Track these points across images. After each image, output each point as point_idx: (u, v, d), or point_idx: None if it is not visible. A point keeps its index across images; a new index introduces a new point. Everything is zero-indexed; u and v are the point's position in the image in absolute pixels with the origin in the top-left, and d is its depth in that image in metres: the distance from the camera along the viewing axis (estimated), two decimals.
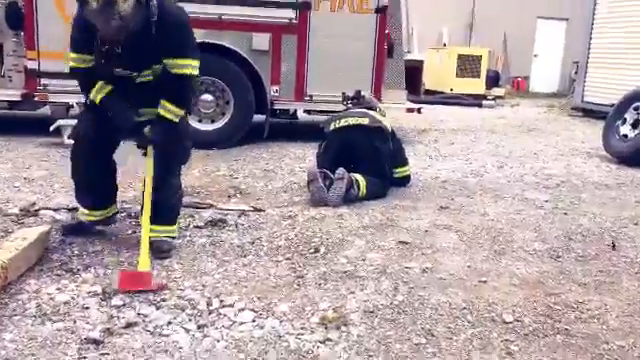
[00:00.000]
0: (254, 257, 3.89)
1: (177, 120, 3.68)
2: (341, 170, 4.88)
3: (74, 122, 7.04)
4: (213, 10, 7.25)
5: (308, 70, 7.62)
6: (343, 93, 6.74)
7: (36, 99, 7.14)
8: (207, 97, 7.56)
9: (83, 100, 3.93)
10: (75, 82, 3.86)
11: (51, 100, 7.15)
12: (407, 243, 4.11)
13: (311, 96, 7.69)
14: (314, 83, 7.65)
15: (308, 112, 7.93)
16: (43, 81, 7.11)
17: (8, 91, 7.10)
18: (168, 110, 3.64)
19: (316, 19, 7.51)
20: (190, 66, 3.63)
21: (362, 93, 5.69)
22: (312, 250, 3.97)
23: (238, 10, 7.31)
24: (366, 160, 5.14)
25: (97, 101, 3.67)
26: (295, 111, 8.01)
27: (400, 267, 3.71)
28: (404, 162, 5.61)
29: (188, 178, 5.90)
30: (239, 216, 4.64)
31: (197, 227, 4.36)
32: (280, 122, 8.16)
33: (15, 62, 7.15)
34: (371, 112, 5.36)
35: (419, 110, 8.17)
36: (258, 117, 7.85)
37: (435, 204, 5.11)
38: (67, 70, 3.78)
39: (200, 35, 7.23)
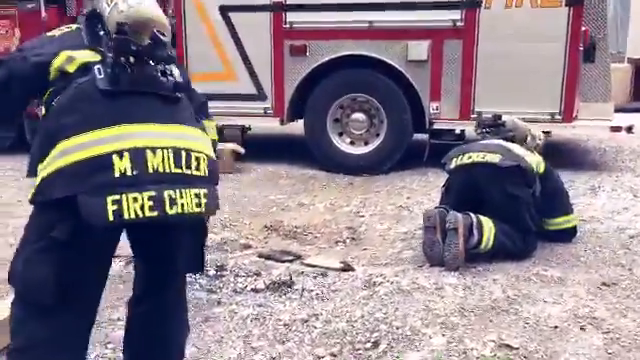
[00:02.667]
0: (294, 345, 2.91)
1: None
2: (453, 216, 3.62)
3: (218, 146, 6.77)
4: (361, 17, 6.31)
5: (476, 82, 6.25)
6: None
7: None
8: (359, 116, 6.65)
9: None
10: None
11: None
12: (512, 349, 2.74)
13: (479, 113, 6.26)
14: (484, 98, 6.26)
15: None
16: None
17: None
18: None
19: (487, 19, 6.13)
20: None
21: (503, 118, 4.26)
22: (370, 344, 2.85)
23: (390, 15, 6.26)
24: (498, 209, 3.77)
25: None
26: (462, 131, 6.68)
27: None
28: (565, 211, 4.07)
29: (309, 213, 5.12)
30: (315, 277, 3.66)
31: (254, 290, 3.50)
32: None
33: None
34: (510, 145, 3.94)
35: (629, 129, 6.22)
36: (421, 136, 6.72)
37: (598, 276, 3.54)
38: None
39: (348, 47, 6.47)
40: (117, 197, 1.84)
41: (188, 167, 2.00)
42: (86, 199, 1.81)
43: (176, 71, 2.13)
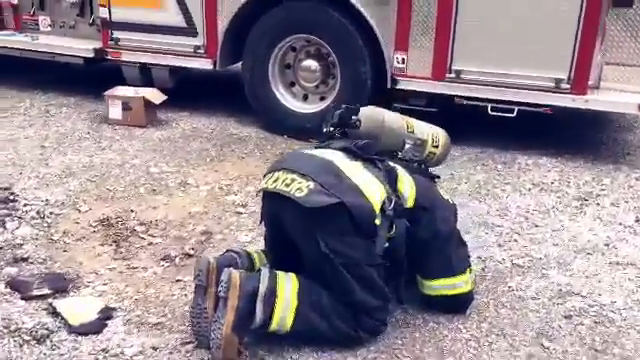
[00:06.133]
0: None
1: None
2: (226, 276, 2.25)
3: (129, 92, 5.49)
4: None
5: (456, 28, 4.54)
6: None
7: (109, 57, 5.69)
8: (310, 64, 5.14)
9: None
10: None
11: (124, 59, 5.62)
12: None
13: (458, 72, 4.62)
14: (465, 51, 4.55)
15: (452, 99, 4.77)
16: (115, 34, 5.60)
17: (88, 45, 5.77)
18: None
19: None
20: None
21: (361, 112, 2.66)
22: None
23: None
24: (313, 270, 2.35)
25: None
26: (432, 97, 4.90)
27: None
28: (448, 270, 2.55)
29: (179, 201, 3.89)
30: (24, 344, 2.45)
31: None
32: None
33: None
34: (346, 164, 2.40)
35: None
36: None
37: None
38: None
39: None
40: None
41: None
42: None
43: None
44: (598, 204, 3.80)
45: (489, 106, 4.58)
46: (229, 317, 2.20)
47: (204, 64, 5.38)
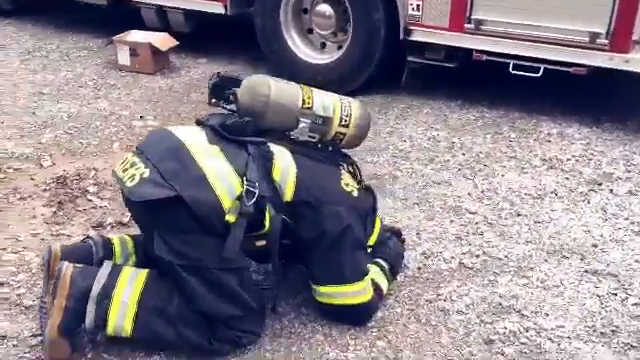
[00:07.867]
0: None
1: None
2: (58, 271, 2.01)
3: (139, 37, 5.23)
4: None
5: None
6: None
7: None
8: (325, 9, 4.66)
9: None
10: None
11: (140, 1, 5.37)
12: None
13: (478, 23, 3.97)
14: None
15: (477, 54, 4.09)
16: None
17: None
18: None
19: None
20: None
21: (244, 84, 2.18)
22: None
23: None
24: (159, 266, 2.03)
25: None
26: (451, 51, 4.22)
27: None
28: (338, 276, 2.13)
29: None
30: None
31: None
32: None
33: None
34: (206, 149, 2.00)
35: None
36: None
37: None
38: None
39: None
40: None
41: None
42: None
43: None
44: (611, 191, 3.14)
45: (511, 63, 3.92)
46: (55, 318, 1.96)
47: (215, 8, 5.03)
